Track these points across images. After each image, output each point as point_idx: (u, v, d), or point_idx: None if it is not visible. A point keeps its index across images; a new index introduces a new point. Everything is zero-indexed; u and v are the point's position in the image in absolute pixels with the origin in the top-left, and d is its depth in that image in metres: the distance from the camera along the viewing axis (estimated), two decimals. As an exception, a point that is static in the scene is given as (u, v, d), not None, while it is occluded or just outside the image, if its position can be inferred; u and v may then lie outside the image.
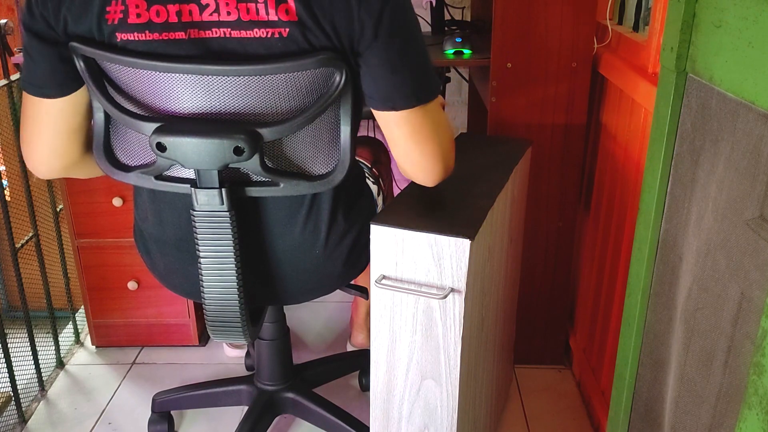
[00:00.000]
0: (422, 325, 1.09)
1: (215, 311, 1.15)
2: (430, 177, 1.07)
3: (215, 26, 0.94)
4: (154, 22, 0.94)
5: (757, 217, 0.78)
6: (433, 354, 1.11)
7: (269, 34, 0.93)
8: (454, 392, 1.12)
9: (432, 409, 1.15)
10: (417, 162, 1.05)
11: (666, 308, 1.05)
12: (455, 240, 1.03)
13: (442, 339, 1.09)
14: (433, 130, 1.03)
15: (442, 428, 1.15)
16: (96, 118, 1.07)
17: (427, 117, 1.02)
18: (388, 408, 1.18)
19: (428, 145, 1.03)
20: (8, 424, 1.63)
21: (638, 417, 1.19)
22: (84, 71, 0.99)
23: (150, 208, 1.16)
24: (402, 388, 1.15)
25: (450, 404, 1.13)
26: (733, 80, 0.82)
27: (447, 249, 1.04)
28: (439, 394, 1.13)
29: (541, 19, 1.49)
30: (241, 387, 1.57)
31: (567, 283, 1.75)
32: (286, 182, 1.05)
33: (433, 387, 1.13)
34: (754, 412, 0.75)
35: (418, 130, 1.02)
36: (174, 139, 0.98)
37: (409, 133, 1.02)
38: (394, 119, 1.01)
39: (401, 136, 1.02)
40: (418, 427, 1.17)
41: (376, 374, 1.16)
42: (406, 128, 1.01)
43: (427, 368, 1.12)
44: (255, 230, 1.12)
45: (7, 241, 1.65)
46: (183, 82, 0.97)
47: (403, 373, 1.14)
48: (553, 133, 1.59)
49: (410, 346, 1.11)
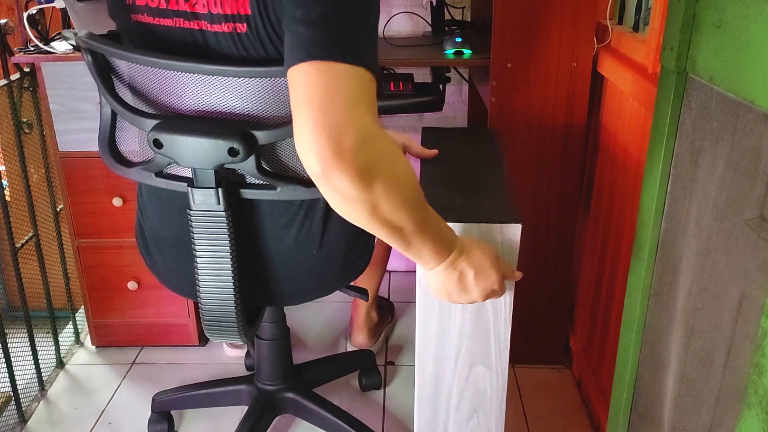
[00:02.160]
0: (472, 313, 1.11)
1: (211, 311, 1.15)
2: (311, 152, 0.77)
3: (194, 18, 0.94)
4: (150, 6, 0.96)
5: (757, 217, 0.78)
6: (483, 339, 1.13)
7: (232, 29, 0.93)
8: (504, 373, 1.16)
9: (481, 393, 1.18)
10: (299, 129, 0.79)
11: (666, 308, 1.05)
12: (507, 226, 1.05)
13: (492, 323, 1.11)
14: (332, 95, 0.78)
15: (491, 410, 1.19)
16: (103, 114, 1.09)
17: (328, 78, 0.78)
18: (435, 402, 1.20)
19: (316, 107, 0.77)
20: (8, 424, 1.63)
21: (638, 417, 1.19)
22: (91, 66, 1.02)
23: (150, 205, 1.17)
24: (451, 378, 1.17)
25: (500, 385, 1.17)
26: (733, 80, 0.82)
27: (498, 236, 1.05)
28: (488, 378, 1.17)
29: (541, 18, 1.49)
30: (241, 387, 1.58)
31: (567, 283, 1.75)
32: (282, 186, 1.05)
33: (482, 372, 1.16)
34: (754, 412, 0.75)
35: (309, 88, 0.78)
36: (171, 136, 0.99)
37: (297, 93, 0.79)
38: (290, 82, 0.81)
39: (292, 99, 0.80)
40: (467, 413, 1.19)
41: (422, 370, 1.17)
42: (296, 88, 0.80)
43: (476, 354, 1.14)
44: (251, 231, 1.12)
45: (7, 241, 1.65)
46: (183, 79, 0.99)
47: (452, 362, 1.15)
48: (553, 133, 1.59)
49: (460, 334, 1.13)
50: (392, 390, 1.76)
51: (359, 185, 0.79)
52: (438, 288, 0.98)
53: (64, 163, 1.70)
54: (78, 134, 1.67)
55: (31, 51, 1.61)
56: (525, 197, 1.66)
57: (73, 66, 1.60)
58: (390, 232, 0.87)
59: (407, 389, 1.76)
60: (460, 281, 0.97)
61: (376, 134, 0.80)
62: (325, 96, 0.78)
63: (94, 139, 1.66)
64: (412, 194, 0.87)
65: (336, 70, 0.78)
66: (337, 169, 0.77)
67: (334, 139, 0.77)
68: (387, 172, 0.82)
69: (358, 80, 0.79)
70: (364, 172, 0.79)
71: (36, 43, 1.61)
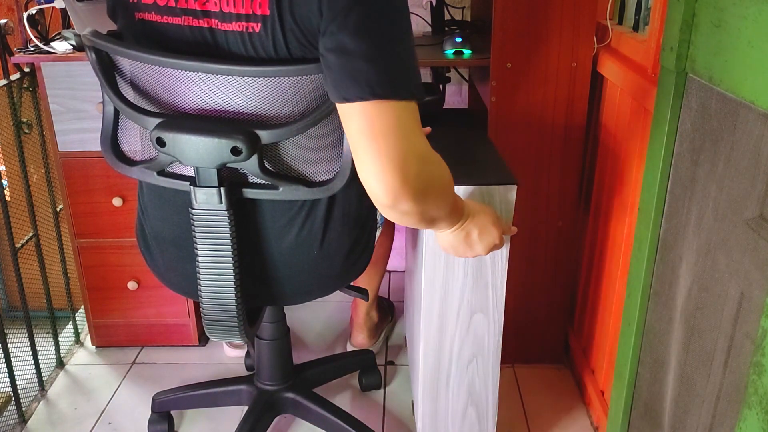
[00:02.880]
0: (473, 267, 1.28)
1: (212, 310, 1.15)
2: (382, 186, 0.88)
3: (205, 16, 0.95)
4: (159, 5, 0.96)
5: (757, 217, 0.78)
6: (482, 290, 1.30)
7: (243, 28, 0.93)
8: (500, 321, 1.33)
9: (480, 339, 1.35)
10: (368, 164, 0.88)
11: (666, 308, 1.05)
12: (504, 187, 1.22)
13: (491, 276, 1.29)
14: (394, 130, 0.87)
15: (489, 355, 1.36)
16: (105, 112, 1.09)
17: (389, 116, 0.87)
18: (439, 350, 1.36)
19: (382, 142, 0.87)
20: (8, 424, 1.63)
21: (638, 417, 1.19)
22: (95, 63, 1.02)
23: (151, 204, 1.17)
24: (454, 327, 1.33)
25: (496, 332, 1.34)
26: (733, 80, 0.82)
27: (497, 196, 1.23)
28: (486, 326, 1.33)
29: (541, 19, 1.49)
30: (241, 387, 1.57)
31: (567, 283, 1.75)
32: (285, 186, 1.05)
33: (481, 319, 1.33)
34: (754, 411, 0.75)
35: (371, 125, 0.87)
36: (174, 135, 0.99)
37: (360, 129, 0.87)
38: (349, 112, 0.88)
39: (355, 133, 0.88)
40: (467, 359, 1.37)
41: (428, 323, 1.33)
42: (358, 122, 0.87)
43: (476, 304, 1.31)
44: (252, 231, 1.13)
45: (7, 241, 1.65)
46: (188, 77, 0.99)
47: (455, 313, 1.32)
48: (553, 133, 1.59)
49: (462, 287, 1.30)
50: (392, 390, 1.76)
51: (417, 204, 0.92)
52: (447, 245, 1.12)
53: (64, 163, 1.70)
54: (78, 134, 1.66)
55: (31, 51, 1.61)
56: (525, 197, 1.66)
57: (73, 66, 1.59)
58: (427, 225, 1.02)
59: (407, 389, 1.76)
60: (466, 239, 1.11)
61: (429, 155, 0.93)
62: (388, 132, 0.87)
63: (94, 139, 1.67)
64: (450, 192, 1.01)
65: (396, 108, 0.87)
66: (403, 197, 0.89)
67: (400, 172, 0.88)
68: (437, 185, 0.96)
69: (412, 111, 0.89)
70: (421, 193, 0.91)
71: (36, 43, 1.61)
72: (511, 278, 1.73)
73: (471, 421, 1.44)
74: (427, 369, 1.38)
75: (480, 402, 1.42)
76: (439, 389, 1.41)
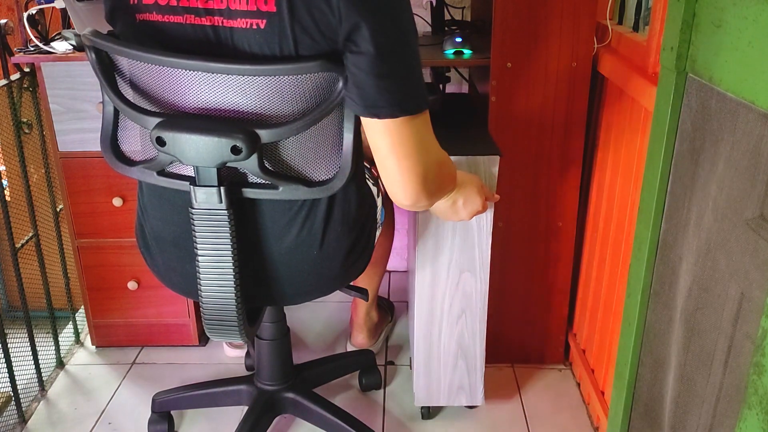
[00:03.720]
0: (461, 229, 1.44)
1: (212, 310, 1.15)
2: (405, 195, 1.02)
3: (209, 14, 0.95)
4: (159, 4, 0.96)
5: (757, 217, 0.78)
6: (469, 251, 1.46)
7: (248, 25, 0.93)
8: (485, 280, 1.49)
9: (468, 296, 1.51)
10: (395, 176, 1.00)
11: (666, 308, 1.05)
12: (488, 158, 1.38)
13: (476, 238, 1.45)
14: (417, 145, 0.98)
15: (476, 311, 1.52)
16: (105, 112, 1.09)
17: (413, 130, 0.97)
18: (432, 306, 1.51)
19: (408, 160, 0.99)
20: (8, 424, 1.63)
21: (638, 417, 1.19)
22: (95, 63, 1.03)
23: (151, 204, 1.17)
24: (444, 285, 1.49)
25: (483, 290, 1.50)
26: (733, 80, 0.82)
27: (482, 165, 1.38)
28: (474, 284, 1.49)
29: (541, 19, 1.49)
30: (241, 387, 1.57)
31: (567, 283, 1.75)
32: (284, 186, 1.05)
33: (469, 278, 1.49)
34: (754, 412, 0.75)
35: (401, 142, 0.97)
36: (173, 134, 1.00)
37: (390, 145, 0.98)
38: (378, 128, 0.97)
39: (383, 147, 0.98)
40: (457, 313, 1.52)
41: (421, 280, 1.49)
42: (388, 139, 0.97)
43: (464, 264, 1.47)
44: (252, 231, 1.13)
45: (7, 241, 1.65)
46: (188, 76, 0.99)
47: (445, 270, 1.48)
48: (553, 133, 1.59)
49: (451, 248, 1.46)
50: (392, 390, 1.76)
51: (432, 199, 1.07)
52: (435, 210, 1.24)
53: (64, 163, 1.70)
54: (78, 134, 1.66)
55: (31, 51, 1.61)
56: (525, 197, 1.66)
57: (73, 66, 1.59)
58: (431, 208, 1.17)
59: (407, 389, 1.76)
60: (453, 207, 1.23)
61: (442, 158, 1.07)
62: (416, 144, 0.99)
63: (94, 139, 1.67)
64: (454, 179, 1.16)
65: (419, 120, 0.98)
66: (422, 199, 1.04)
67: (422, 182, 1.01)
68: (446, 180, 1.12)
69: (427, 119, 1.00)
70: (436, 191, 1.08)
71: (36, 43, 1.61)
72: (511, 278, 1.74)
73: (461, 373, 1.59)
74: (421, 323, 1.53)
75: (469, 355, 1.57)
76: (432, 342, 1.55)
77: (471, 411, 1.68)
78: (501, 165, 1.48)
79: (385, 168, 1.01)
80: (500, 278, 1.74)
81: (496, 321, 1.79)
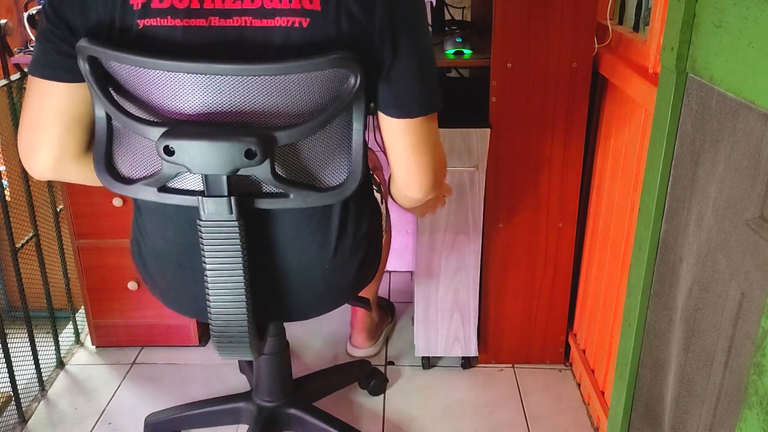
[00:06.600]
0: (456, 194, 1.60)
1: (222, 327, 1.10)
2: (420, 189, 1.07)
3: (237, 14, 0.92)
4: (177, 8, 0.92)
5: (757, 217, 0.78)
6: (464, 214, 1.64)
7: (290, 23, 0.91)
8: (478, 240, 1.67)
9: (463, 255, 1.69)
10: (413, 172, 1.04)
11: (666, 308, 1.05)
12: (480, 130, 1.54)
13: (470, 202, 1.63)
14: (433, 141, 1.03)
15: (470, 269, 1.70)
16: (97, 128, 1.02)
17: (431, 127, 1.02)
18: (430, 263, 1.69)
19: (426, 157, 1.03)
20: (8, 424, 1.63)
21: (638, 417, 1.19)
22: (88, 75, 0.95)
23: (150, 223, 1.12)
24: (441, 244, 1.67)
25: (476, 249, 1.68)
26: (733, 80, 0.82)
27: (474, 137, 1.55)
28: (468, 244, 1.67)
29: (541, 19, 1.49)
30: (239, 405, 1.52)
31: (567, 284, 1.75)
32: (295, 193, 1.01)
33: (463, 239, 1.67)
34: (754, 412, 0.75)
35: (421, 140, 1.01)
36: (182, 142, 0.94)
37: (411, 143, 1.01)
38: (403, 127, 1.00)
39: (405, 146, 1.02)
40: (453, 270, 1.70)
41: (421, 240, 1.66)
42: (411, 137, 1.01)
43: (459, 225, 1.65)
44: (262, 245, 1.09)
45: (7, 241, 1.65)
46: (191, 81, 0.94)
47: (442, 231, 1.66)
48: (553, 133, 1.59)
49: (447, 211, 1.63)
50: (392, 391, 1.76)
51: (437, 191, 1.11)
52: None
53: (64, 163, 1.70)
54: (78, 134, 1.66)
55: (31, 51, 1.61)
56: (525, 197, 1.66)
57: (73, 66, 1.59)
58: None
59: (407, 391, 1.76)
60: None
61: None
62: (434, 140, 1.04)
63: (94, 140, 1.66)
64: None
65: (435, 119, 1.03)
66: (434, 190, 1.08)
67: (434, 173, 1.06)
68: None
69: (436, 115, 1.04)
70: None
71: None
72: (512, 279, 1.74)
73: (456, 324, 1.76)
74: (421, 279, 1.70)
75: (464, 308, 1.74)
76: (430, 297, 1.73)
77: (471, 411, 1.68)
78: (500, 163, 1.63)
79: (401, 165, 1.04)
80: (500, 278, 1.74)
81: (496, 321, 1.79)
